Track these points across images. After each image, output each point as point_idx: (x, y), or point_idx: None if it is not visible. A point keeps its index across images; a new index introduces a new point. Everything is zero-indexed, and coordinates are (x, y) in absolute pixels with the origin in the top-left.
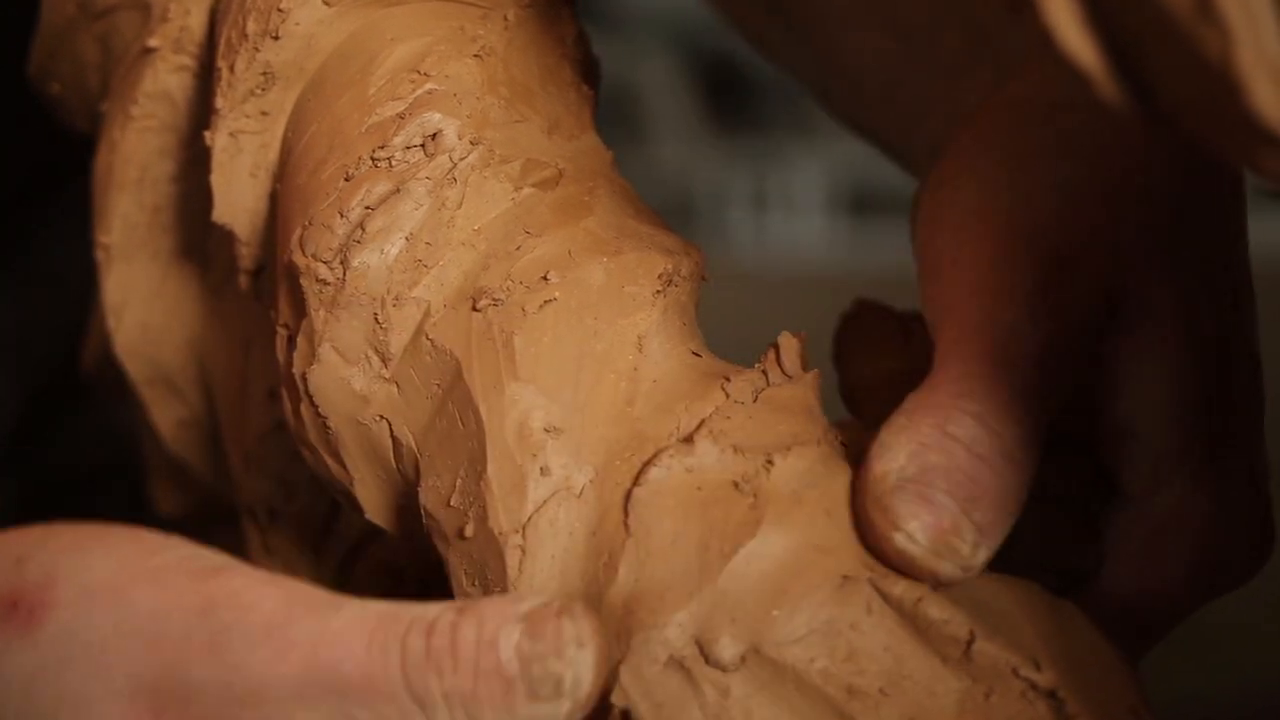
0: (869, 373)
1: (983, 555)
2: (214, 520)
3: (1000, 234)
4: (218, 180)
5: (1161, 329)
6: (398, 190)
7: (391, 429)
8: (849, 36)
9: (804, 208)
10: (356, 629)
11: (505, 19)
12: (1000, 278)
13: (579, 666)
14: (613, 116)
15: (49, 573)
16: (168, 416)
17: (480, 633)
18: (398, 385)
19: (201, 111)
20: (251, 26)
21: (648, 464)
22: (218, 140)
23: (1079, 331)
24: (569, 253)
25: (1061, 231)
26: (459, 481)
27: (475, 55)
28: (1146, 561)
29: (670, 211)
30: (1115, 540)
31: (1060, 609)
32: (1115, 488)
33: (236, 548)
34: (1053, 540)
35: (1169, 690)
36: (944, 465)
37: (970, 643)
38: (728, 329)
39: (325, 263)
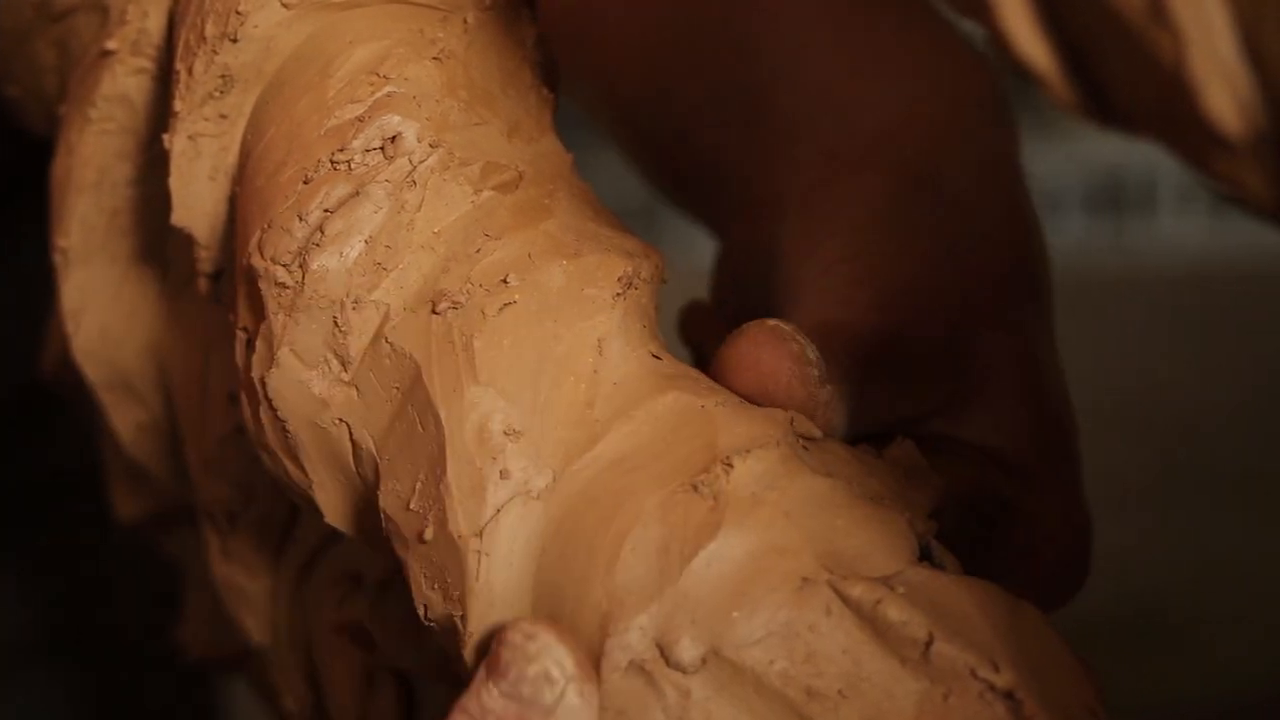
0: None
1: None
2: (173, 524)
3: (856, 272)
4: (176, 183)
5: (1007, 372)
6: (357, 193)
7: (351, 432)
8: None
9: None
10: None
11: (465, 22)
12: (848, 294)
13: (546, 644)
14: (578, 119)
15: None
16: (126, 420)
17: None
18: (357, 388)
19: (160, 114)
20: (209, 29)
21: None
22: (176, 143)
23: (909, 351)
24: (529, 255)
25: (910, 280)
26: (418, 485)
27: (434, 58)
28: (1015, 570)
29: (634, 214)
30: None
31: (1018, 610)
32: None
33: (195, 552)
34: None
35: (1143, 693)
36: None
37: (929, 644)
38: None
39: (284, 266)
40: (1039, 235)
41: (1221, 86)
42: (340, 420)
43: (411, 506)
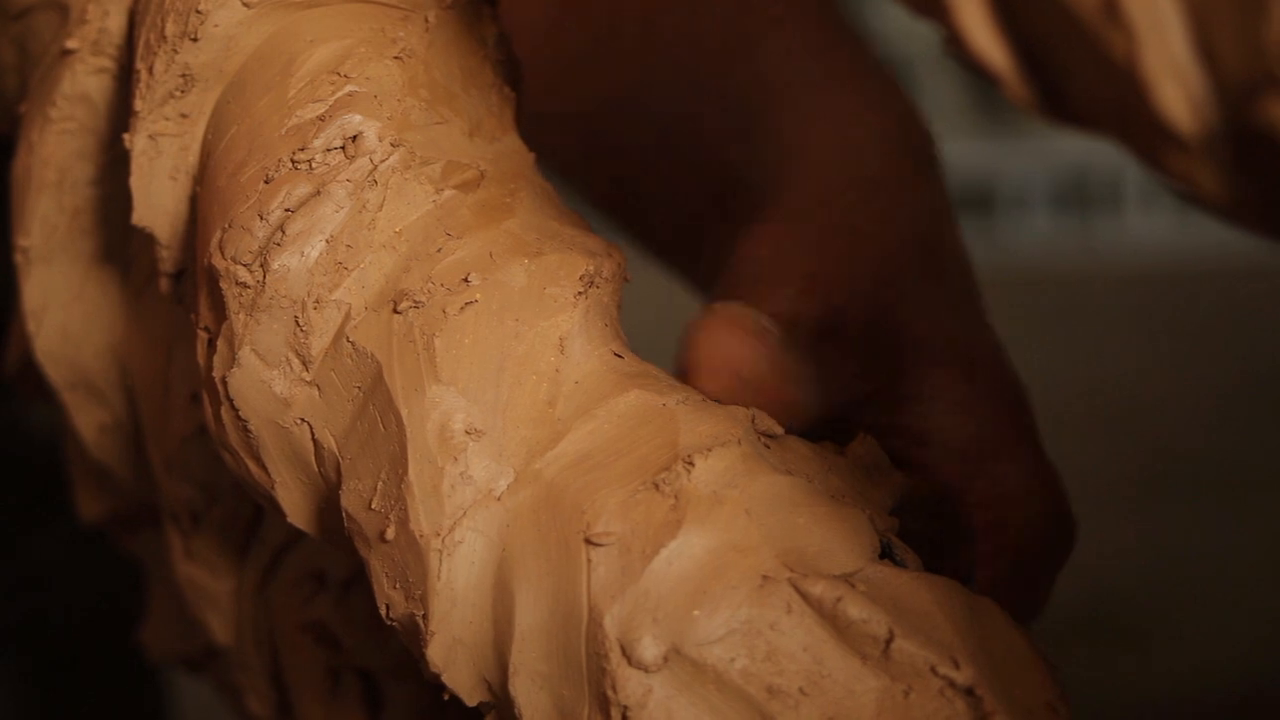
0: None
1: None
2: (137, 525)
3: (790, 272)
4: (137, 183)
5: (940, 352)
6: (318, 192)
7: (313, 432)
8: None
9: None
10: None
11: (426, 21)
12: (773, 291)
13: None
14: None
15: None
16: (89, 421)
17: None
18: (319, 388)
19: (121, 114)
20: (170, 28)
21: None
22: (137, 143)
23: (838, 339)
24: (490, 254)
25: (829, 268)
26: (380, 484)
27: (396, 57)
28: (991, 546)
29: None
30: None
31: (978, 606)
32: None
33: (159, 553)
34: (935, 542)
35: (1117, 693)
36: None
37: (889, 641)
38: (664, 329)
39: (245, 265)
40: (951, 223)
41: (1174, 84)
42: (302, 420)
43: (373, 506)
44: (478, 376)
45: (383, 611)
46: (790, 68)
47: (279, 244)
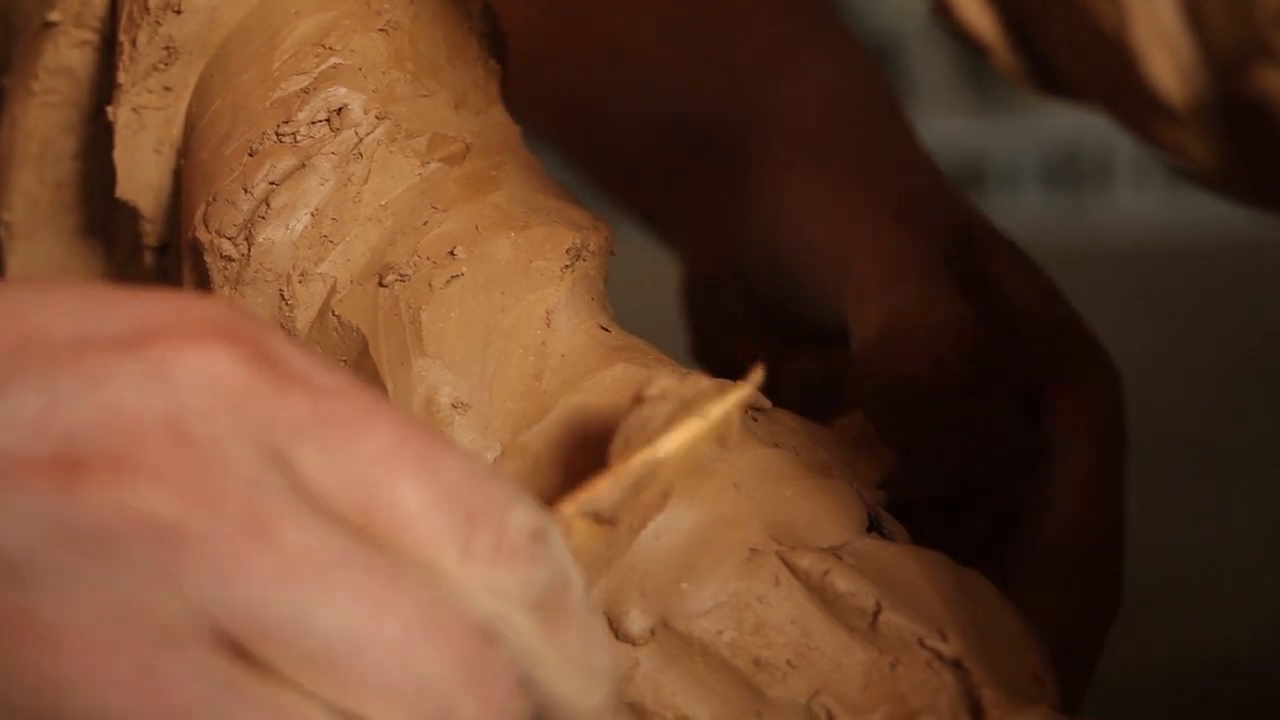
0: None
1: None
2: None
3: (876, 218)
4: (121, 156)
5: (1000, 247)
6: (303, 165)
7: None
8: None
9: None
10: None
11: None
12: (892, 245)
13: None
14: None
15: None
16: None
17: None
18: None
19: (104, 87)
20: (153, 0)
21: None
22: (120, 116)
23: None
24: (476, 228)
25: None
26: None
27: (381, 29)
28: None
29: (590, 187)
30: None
31: (966, 579)
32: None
33: None
34: (1006, 422)
35: (1104, 670)
36: None
37: (877, 614)
38: (659, 306)
39: (229, 239)
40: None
41: (1163, 53)
42: None
43: None
44: (464, 350)
45: None
46: (769, 34)
47: (263, 217)
